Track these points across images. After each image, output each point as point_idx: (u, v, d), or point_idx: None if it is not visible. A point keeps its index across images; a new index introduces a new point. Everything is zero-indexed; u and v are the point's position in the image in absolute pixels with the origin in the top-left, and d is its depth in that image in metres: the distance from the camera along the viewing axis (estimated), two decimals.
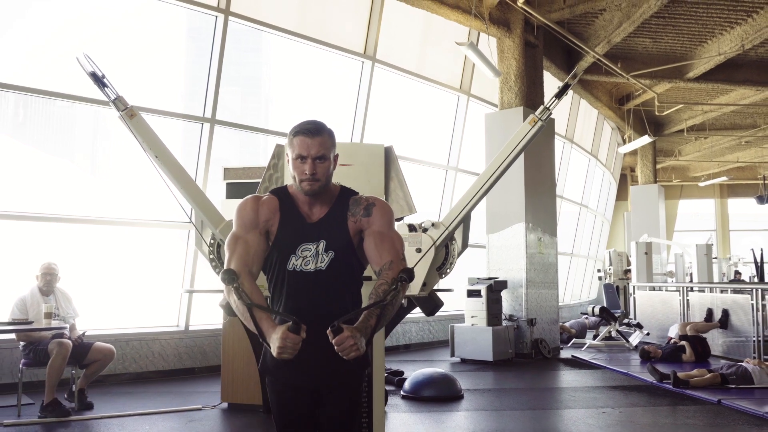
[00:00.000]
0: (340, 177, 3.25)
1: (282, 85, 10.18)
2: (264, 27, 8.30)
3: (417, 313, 10.22)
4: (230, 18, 7.81)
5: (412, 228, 3.38)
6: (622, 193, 21.73)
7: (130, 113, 2.93)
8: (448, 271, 3.38)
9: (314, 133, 2.29)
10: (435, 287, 3.49)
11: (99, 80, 2.85)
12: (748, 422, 5.12)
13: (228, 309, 3.46)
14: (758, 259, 16.92)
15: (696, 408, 5.70)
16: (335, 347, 2.10)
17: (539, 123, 3.24)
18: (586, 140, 16.12)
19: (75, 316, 5.95)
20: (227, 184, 6.11)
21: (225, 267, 2.27)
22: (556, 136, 12.78)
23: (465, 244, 3.49)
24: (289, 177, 2.97)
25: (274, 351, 2.12)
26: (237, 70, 9.26)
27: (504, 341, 8.60)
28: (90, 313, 6.42)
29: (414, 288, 3.25)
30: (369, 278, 3.12)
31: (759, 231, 24.23)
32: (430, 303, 3.42)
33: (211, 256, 3.20)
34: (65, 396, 5.79)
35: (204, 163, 7.76)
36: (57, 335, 5.55)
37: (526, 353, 9.03)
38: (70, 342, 5.52)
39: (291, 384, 2.35)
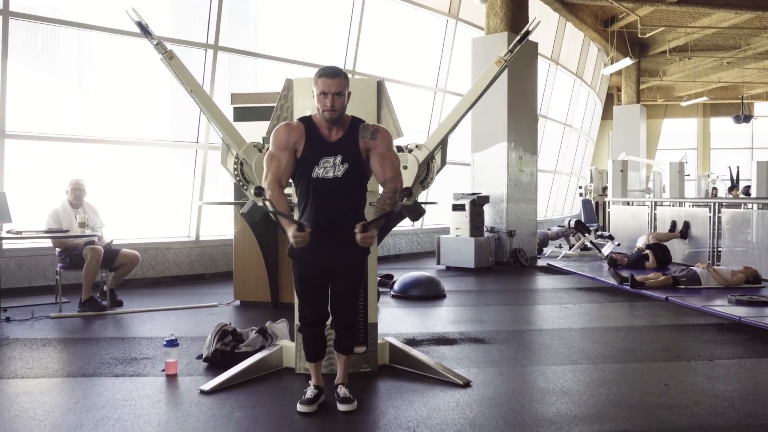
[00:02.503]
0: None
1: (272, 10, 10.58)
2: None
3: (407, 226, 11.08)
4: None
5: (399, 149, 4.06)
6: (608, 113, 22.31)
7: (170, 56, 3.57)
8: (429, 184, 4.11)
9: (334, 75, 3.08)
10: (419, 199, 4.23)
11: (144, 29, 3.47)
12: (686, 314, 6.01)
13: (249, 216, 4.22)
14: (734, 176, 17.83)
15: (646, 304, 6.60)
16: (359, 238, 2.95)
17: (504, 64, 3.88)
18: (572, 62, 16.59)
19: (102, 226, 6.70)
20: (234, 108, 6.72)
21: (263, 180, 3.10)
22: (542, 58, 13.30)
23: (443, 162, 4.19)
24: (298, 107, 3.71)
25: (291, 241, 2.97)
26: None
27: (485, 251, 9.47)
28: (113, 224, 7.16)
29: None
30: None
31: (738, 149, 25.01)
32: (415, 210, 4.17)
33: (236, 173, 3.90)
34: (97, 295, 6.60)
35: (209, 88, 8.34)
36: (89, 242, 6.33)
37: (506, 261, 9.93)
38: (101, 247, 6.30)
39: (311, 264, 3.17)
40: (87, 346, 4.71)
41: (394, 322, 5.67)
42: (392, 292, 7.13)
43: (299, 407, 3.24)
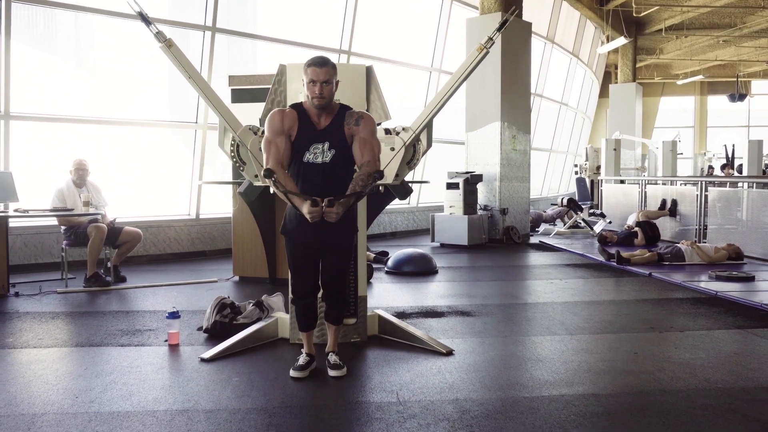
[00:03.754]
0: None
1: None
2: None
3: (402, 204, 11.31)
4: None
5: (387, 131, 4.28)
6: (605, 91, 22.43)
7: (169, 44, 3.77)
8: (416, 164, 4.33)
9: (322, 64, 3.29)
10: (406, 178, 4.46)
11: (145, 19, 3.67)
12: (667, 289, 6.27)
13: (246, 194, 4.46)
14: (729, 154, 18.01)
15: (630, 279, 6.86)
16: (324, 212, 3.13)
17: (484, 51, 4.08)
18: (568, 40, 16.68)
19: (105, 204, 6.93)
20: (232, 90, 6.92)
21: (264, 165, 3.33)
22: (537, 37, 13.43)
23: (429, 144, 4.41)
24: (291, 90, 3.93)
25: (306, 216, 3.15)
26: None
27: (478, 228, 9.72)
28: (115, 202, 7.39)
29: (389, 178, 4.21)
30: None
31: (735, 128, 25.16)
32: (402, 189, 4.41)
33: (233, 155, 4.13)
34: (101, 271, 6.86)
35: (207, 70, 8.52)
36: (93, 220, 6.57)
37: (499, 239, 10.18)
38: (105, 225, 6.54)
39: (303, 241, 3.42)
40: (93, 319, 4.97)
41: (386, 296, 5.93)
42: (386, 269, 7.38)
43: (292, 372, 3.50)
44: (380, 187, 4.35)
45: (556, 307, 5.43)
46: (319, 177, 3.34)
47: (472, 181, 9.76)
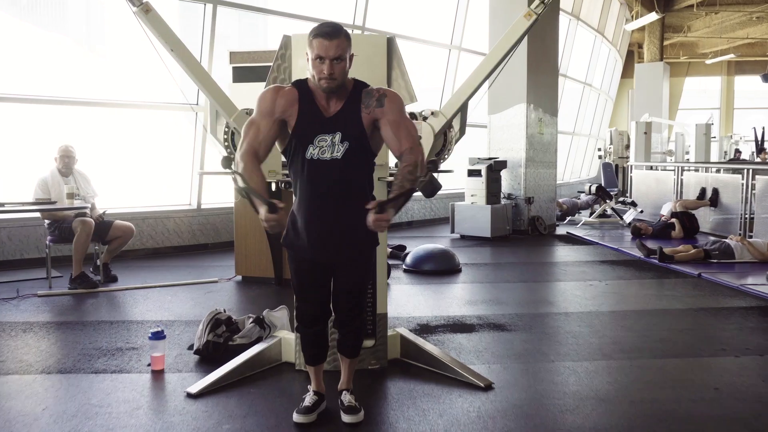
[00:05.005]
0: None
1: None
2: None
3: (418, 192, 10.58)
4: None
5: (412, 116, 3.58)
6: (627, 71, 21.50)
7: (146, 8, 3.07)
8: (446, 156, 3.62)
9: (332, 35, 2.49)
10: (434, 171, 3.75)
11: None
12: (723, 294, 5.54)
13: (244, 192, 3.77)
14: (758, 138, 17.10)
15: (678, 281, 6.12)
16: (371, 220, 2.41)
17: (534, 17, 3.36)
18: (593, 17, 15.80)
19: (94, 195, 6.26)
20: (233, 68, 6.23)
21: (237, 148, 2.59)
22: (563, 13, 12.58)
23: (462, 131, 3.71)
24: (297, 67, 3.17)
25: (263, 224, 2.45)
26: None
27: (502, 218, 8.99)
28: (107, 193, 6.74)
29: None
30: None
31: (763, 109, 24.14)
32: (429, 186, 3.69)
33: (226, 144, 3.44)
34: (90, 270, 6.21)
35: (208, 46, 7.80)
36: (80, 214, 5.90)
37: (523, 230, 9.44)
38: (92, 220, 5.87)
39: (309, 259, 2.69)
40: (70, 333, 4.32)
41: (405, 302, 5.24)
42: (404, 266, 6.69)
43: (296, 417, 2.82)
44: None
45: (603, 318, 4.72)
46: (328, 178, 2.60)
47: (495, 168, 9.01)
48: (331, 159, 2.59)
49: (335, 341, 2.98)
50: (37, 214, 6.30)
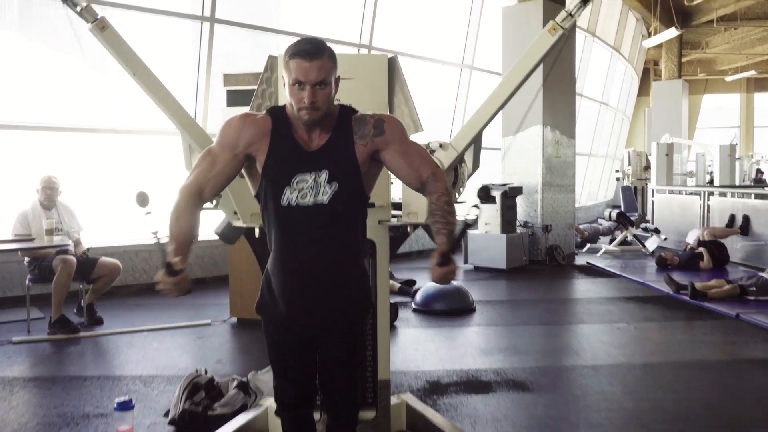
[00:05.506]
0: (341, 93, 2.93)
1: None
2: None
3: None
4: None
5: None
6: (643, 89, 20.96)
7: (101, 25, 2.60)
8: (457, 196, 3.12)
9: (313, 55, 2.00)
10: None
11: None
12: (767, 339, 4.98)
13: (224, 237, 3.28)
14: None
15: (714, 323, 5.56)
16: (438, 275, 2.04)
17: (561, 31, 2.87)
18: (609, 33, 15.33)
19: (79, 230, 5.81)
20: (228, 91, 5.78)
21: (185, 181, 2.11)
22: (578, 29, 12.12)
23: (476, 165, 3.21)
24: (283, 91, 2.67)
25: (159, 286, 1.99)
26: None
27: (518, 248, 8.46)
28: (95, 226, 6.31)
29: (421, 215, 3.02)
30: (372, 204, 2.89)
31: None
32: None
33: None
34: (74, 311, 5.75)
35: (205, 66, 7.38)
36: (61, 251, 5.44)
37: (541, 260, 8.90)
38: (74, 258, 5.41)
39: (288, 330, 2.23)
40: (36, 393, 3.85)
41: (414, 352, 4.72)
42: (414, 305, 6.17)
43: None
44: (408, 228, 3.14)
45: (636, 373, 4.18)
46: (311, 228, 2.09)
47: (510, 195, 8.49)
48: (315, 204, 2.07)
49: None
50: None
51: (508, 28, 9.28)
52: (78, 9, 2.54)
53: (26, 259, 5.54)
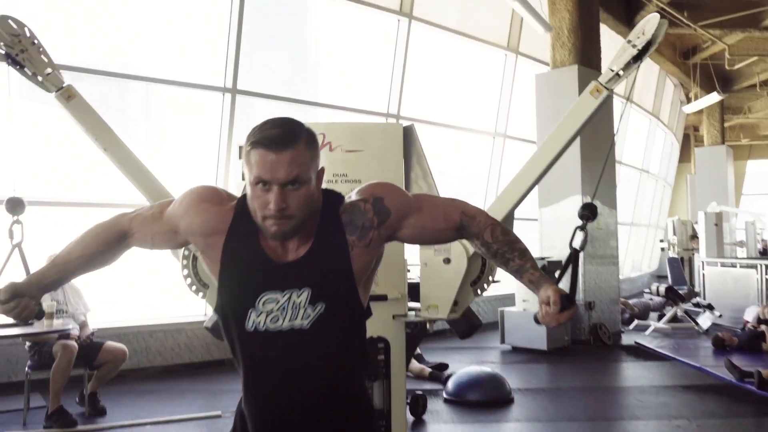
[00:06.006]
0: (348, 167, 2.52)
1: (325, 50, 9.59)
2: None
3: None
4: None
5: None
6: (684, 155, 20.35)
7: (67, 94, 2.26)
8: (486, 286, 2.64)
9: (281, 144, 1.46)
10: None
11: (12, 59, 2.15)
12: None
13: (215, 332, 2.84)
14: None
15: None
16: (561, 319, 1.57)
17: (605, 92, 2.45)
18: (647, 99, 14.94)
19: (86, 311, 5.47)
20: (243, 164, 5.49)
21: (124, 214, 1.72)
22: (615, 96, 11.75)
23: None
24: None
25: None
26: (283, 33, 8.69)
27: (560, 328, 7.82)
28: (105, 306, 5.95)
29: (442, 309, 2.54)
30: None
31: None
32: (464, 324, 2.70)
33: (185, 272, 2.55)
34: (77, 399, 5.33)
35: (226, 138, 7.14)
36: (63, 336, 5.06)
37: (584, 339, 8.22)
38: (75, 344, 5.02)
39: None
40: None
41: None
42: (445, 394, 5.58)
43: None
44: (427, 324, 2.66)
45: None
46: (288, 360, 1.58)
47: (549, 269, 7.89)
48: (290, 330, 1.56)
49: None
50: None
51: (541, 95, 8.94)
52: (40, 79, 2.19)
53: (27, 343, 5.18)
